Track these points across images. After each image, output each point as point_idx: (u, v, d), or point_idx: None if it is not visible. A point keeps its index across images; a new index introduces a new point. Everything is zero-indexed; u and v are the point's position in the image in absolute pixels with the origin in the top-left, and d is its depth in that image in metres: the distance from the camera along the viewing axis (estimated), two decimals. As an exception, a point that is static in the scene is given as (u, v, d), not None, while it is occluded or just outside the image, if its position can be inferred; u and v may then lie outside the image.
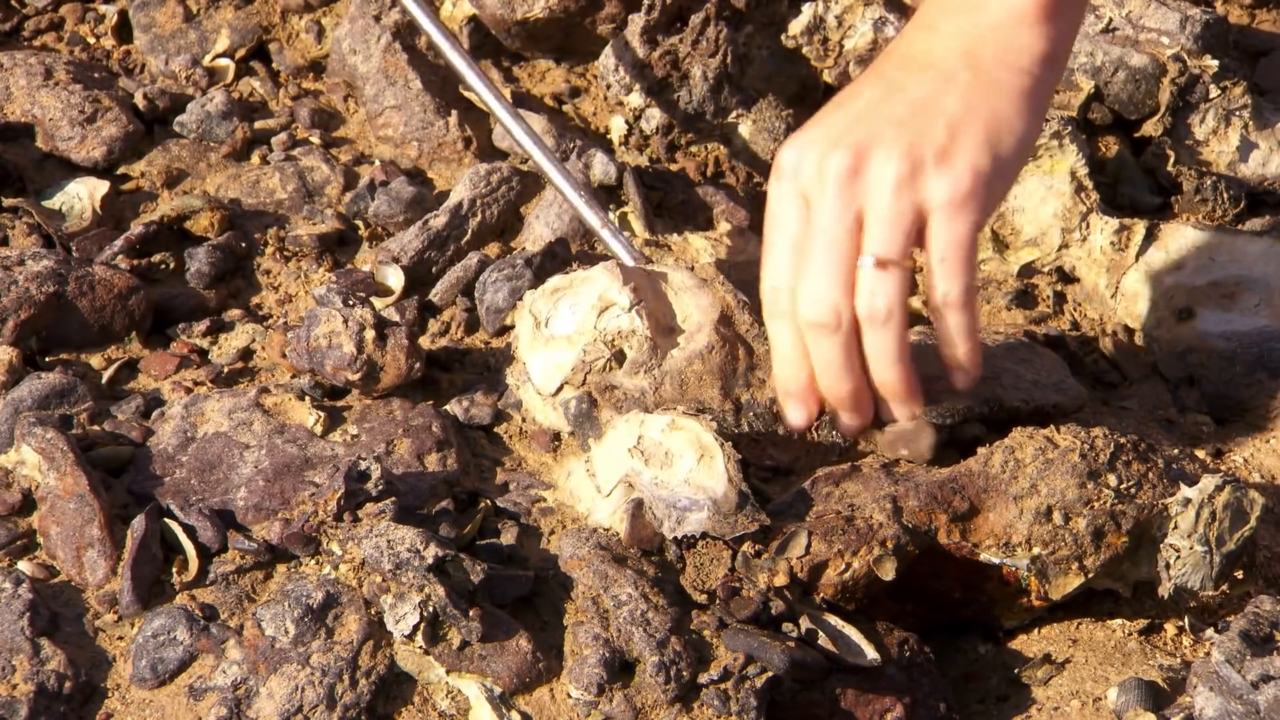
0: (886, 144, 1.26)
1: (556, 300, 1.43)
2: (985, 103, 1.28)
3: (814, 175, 1.28)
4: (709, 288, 1.42)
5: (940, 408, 1.38)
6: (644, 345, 1.39)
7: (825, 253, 1.27)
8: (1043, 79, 1.30)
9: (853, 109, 1.30)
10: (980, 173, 1.27)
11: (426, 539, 1.25)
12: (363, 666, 1.23)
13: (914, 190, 1.26)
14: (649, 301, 1.41)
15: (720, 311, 1.40)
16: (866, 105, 1.29)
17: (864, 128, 1.28)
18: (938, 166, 1.26)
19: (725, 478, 1.29)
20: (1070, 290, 1.64)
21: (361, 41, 1.76)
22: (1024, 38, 1.30)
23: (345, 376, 1.43)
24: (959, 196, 1.26)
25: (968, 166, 1.26)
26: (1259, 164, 1.69)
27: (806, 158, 1.29)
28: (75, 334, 1.50)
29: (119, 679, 1.25)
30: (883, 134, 1.27)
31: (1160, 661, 1.30)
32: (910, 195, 1.26)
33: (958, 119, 1.27)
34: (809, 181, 1.28)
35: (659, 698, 1.21)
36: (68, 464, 1.32)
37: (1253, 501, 1.29)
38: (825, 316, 1.27)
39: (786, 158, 1.30)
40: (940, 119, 1.27)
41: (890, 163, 1.26)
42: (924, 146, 1.26)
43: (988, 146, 1.27)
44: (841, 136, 1.28)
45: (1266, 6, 1.94)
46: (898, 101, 1.28)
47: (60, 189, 1.64)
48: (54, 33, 1.82)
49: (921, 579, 1.31)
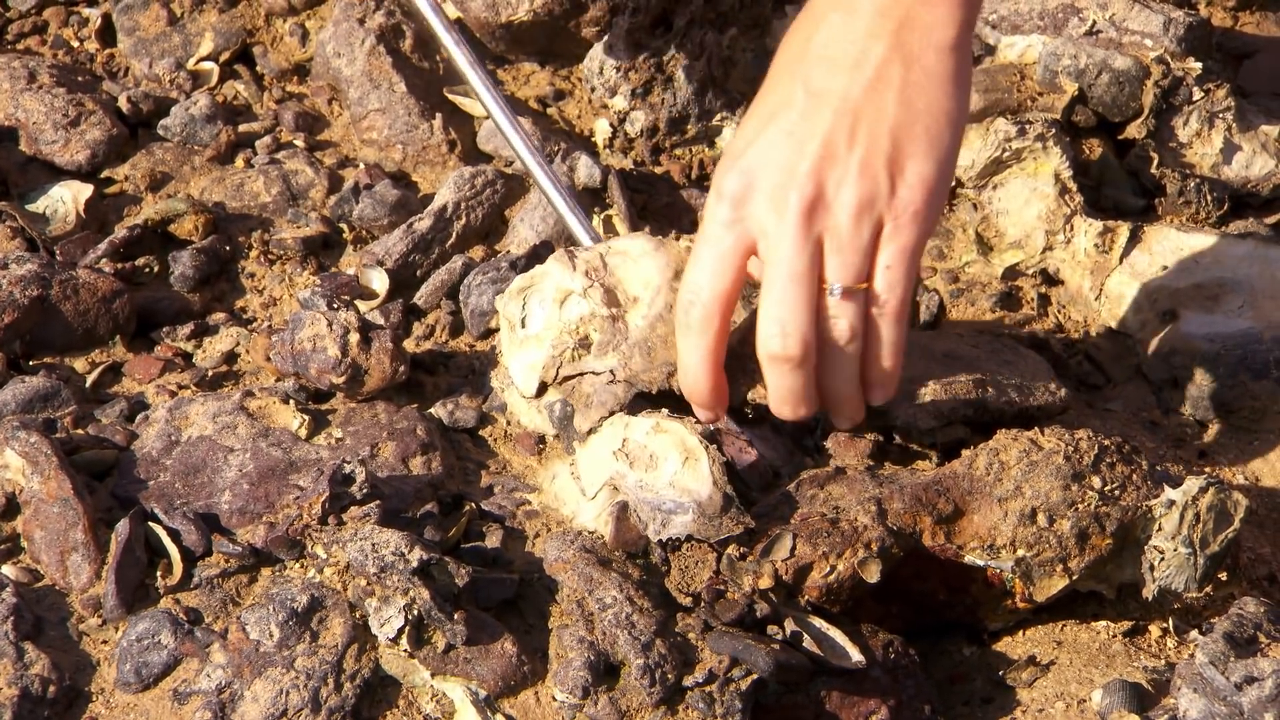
0: (840, 167, 1.24)
1: (524, 300, 1.43)
2: (922, 98, 1.26)
3: (770, 209, 1.25)
4: (664, 247, 1.41)
5: (926, 407, 1.38)
6: (604, 325, 1.38)
7: (791, 286, 1.25)
8: (966, 52, 1.28)
9: (788, 122, 1.26)
10: (929, 182, 1.25)
11: (411, 542, 1.25)
12: (347, 670, 1.23)
13: (872, 211, 1.25)
14: (606, 279, 1.40)
15: (674, 269, 1.39)
16: (803, 117, 1.26)
17: (809, 150, 1.25)
18: (890, 181, 1.25)
19: (710, 480, 1.29)
20: (1054, 292, 1.64)
21: (346, 45, 1.76)
22: (942, 7, 1.26)
23: (330, 380, 1.43)
24: (912, 210, 1.25)
25: (918, 178, 1.25)
26: (1242, 166, 1.70)
27: (757, 186, 1.26)
28: (59, 337, 1.49)
29: (103, 683, 1.25)
30: (834, 155, 1.25)
31: (1144, 663, 1.31)
32: (869, 217, 1.25)
33: (900, 125, 1.25)
34: (763, 214, 1.26)
35: (644, 700, 1.21)
36: (51, 468, 1.32)
37: (1236, 503, 1.29)
38: (793, 350, 1.26)
39: (730, 183, 1.27)
40: (883, 126, 1.25)
41: (848, 189, 1.24)
42: (875, 163, 1.25)
43: (933, 151, 1.25)
44: (791, 163, 1.25)
45: (1249, 9, 1.94)
46: (837, 111, 1.25)
47: (44, 192, 1.64)
48: (37, 36, 1.82)
49: (906, 581, 1.31)
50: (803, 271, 1.25)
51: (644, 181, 1.70)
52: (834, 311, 1.26)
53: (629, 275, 1.41)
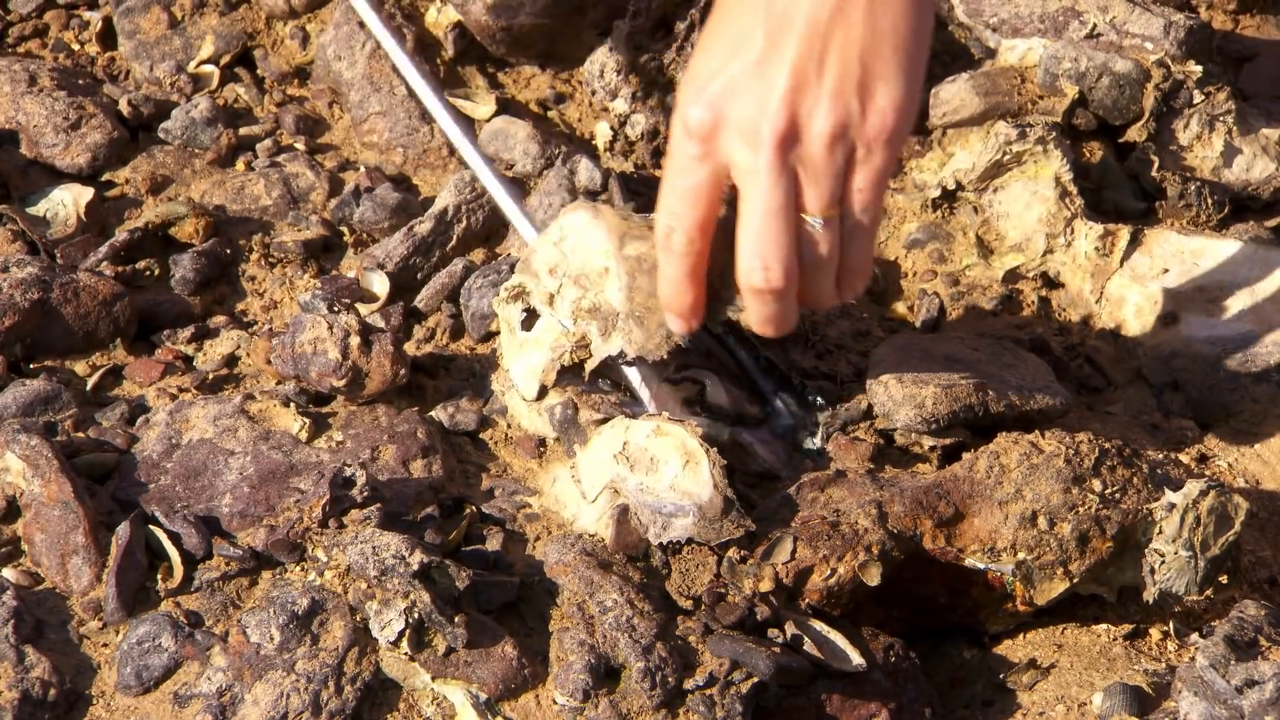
0: (811, 96, 1.23)
1: (518, 303, 1.44)
2: (888, 18, 1.24)
3: (744, 143, 1.24)
4: (600, 214, 1.42)
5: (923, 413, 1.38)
6: (593, 314, 1.39)
7: (770, 220, 1.25)
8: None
9: (755, 50, 1.24)
10: (899, 104, 1.24)
11: (412, 545, 1.25)
12: (348, 673, 1.23)
13: (845, 139, 1.24)
14: (569, 268, 1.41)
15: (618, 235, 1.40)
16: (769, 45, 1.24)
17: (778, 80, 1.23)
18: (862, 106, 1.23)
19: (710, 483, 1.29)
20: (1055, 295, 1.64)
21: (346, 48, 1.76)
22: None
23: (330, 383, 1.43)
24: (884, 134, 1.24)
25: (889, 101, 1.24)
26: (1243, 169, 1.70)
27: (727, 119, 1.24)
28: (60, 341, 1.49)
29: (104, 686, 1.25)
30: (805, 84, 1.23)
31: (1145, 666, 1.31)
32: (843, 145, 1.24)
33: (868, 47, 1.23)
34: (736, 149, 1.24)
35: (644, 703, 1.21)
36: (52, 471, 1.32)
37: (1237, 506, 1.29)
38: (776, 283, 1.27)
39: (698, 116, 1.25)
40: (852, 50, 1.23)
41: (820, 118, 1.23)
42: (846, 89, 1.23)
43: (902, 72, 1.24)
44: (762, 94, 1.23)
45: (1250, 12, 1.94)
46: (804, 36, 1.23)
47: (45, 195, 1.64)
48: (38, 39, 1.82)
49: (906, 584, 1.31)
50: (781, 205, 1.25)
51: (645, 184, 1.69)
52: (812, 239, 1.26)
53: (586, 250, 1.41)
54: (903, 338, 1.53)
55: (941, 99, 1.71)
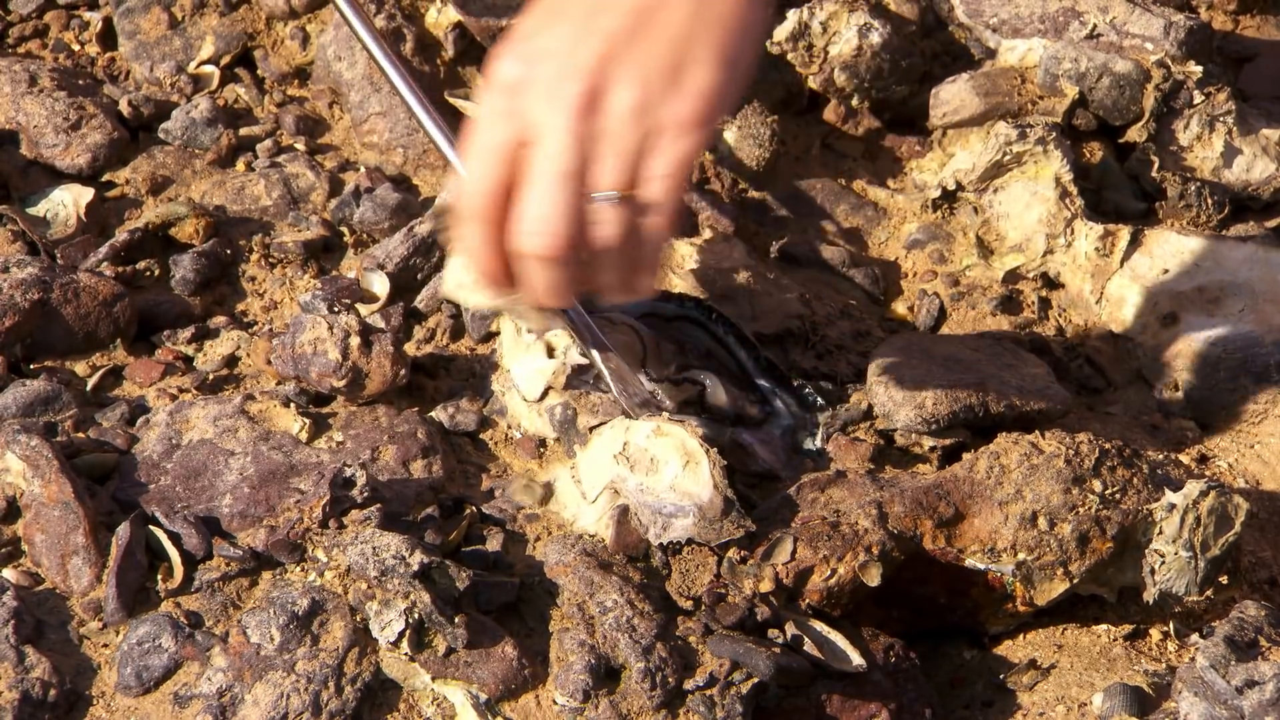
0: (620, 66, 1.20)
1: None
2: (714, 10, 1.21)
3: (544, 102, 1.21)
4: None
5: (924, 413, 1.38)
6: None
7: (556, 184, 1.20)
8: None
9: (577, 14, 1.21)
10: (710, 93, 1.20)
11: (412, 545, 1.25)
12: (348, 674, 1.23)
13: (648, 117, 1.20)
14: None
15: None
16: (592, 11, 1.21)
17: (590, 46, 1.20)
18: (668, 89, 1.20)
19: (711, 484, 1.29)
20: (1055, 296, 1.64)
21: (346, 48, 1.76)
22: None
23: (330, 383, 1.43)
24: (690, 119, 1.20)
25: (699, 88, 1.20)
26: (1243, 170, 1.70)
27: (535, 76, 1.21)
28: (60, 341, 1.49)
29: (104, 687, 1.25)
30: (616, 54, 1.20)
31: (1145, 667, 1.31)
32: (644, 122, 1.20)
33: (690, 32, 1.20)
34: (537, 106, 1.21)
35: (645, 704, 1.21)
36: (52, 471, 1.32)
37: (1237, 507, 1.29)
38: (550, 250, 1.21)
39: (507, 70, 1.22)
40: (673, 30, 1.20)
41: (625, 90, 1.19)
42: (658, 66, 1.20)
43: (720, 62, 1.21)
44: (571, 57, 1.20)
45: (1250, 12, 1.94)
46: (621, 11, 1.20)
47: (45, 196, 1.64)
48: (38, 40, 1.82)
49: (907, 585, 1.31)
50: (570, 171, 1.20)
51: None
52: (601, 215, 1.21)
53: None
54: (903, 338, 1.53)
55: (941, 99, 1.71)
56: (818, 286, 1.63)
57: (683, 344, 1.46)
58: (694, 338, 1.46)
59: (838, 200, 1.74)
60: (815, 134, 1.79)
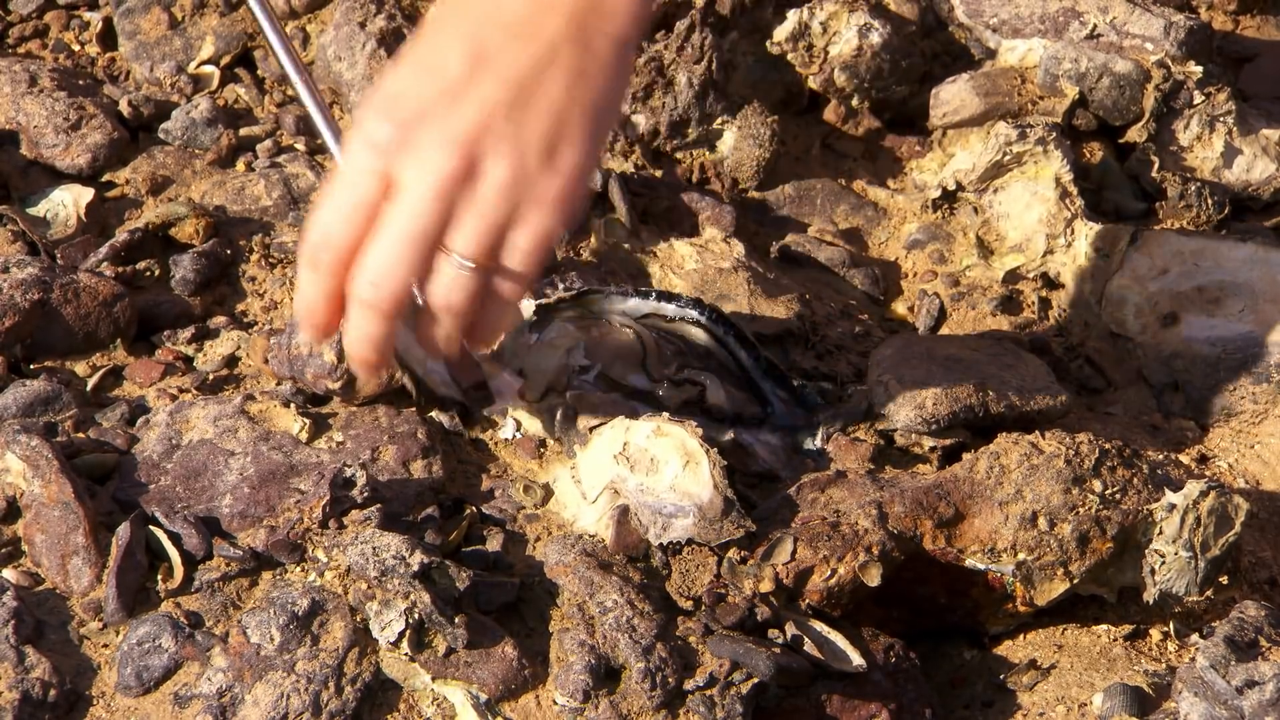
0: (494, 141, 1.19)
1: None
2: (589, 87, 1.21)
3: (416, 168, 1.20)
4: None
5: (924, 413, 1.38)
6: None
7: (405, 244, 1.20)
8: (634, 45, 1.24)
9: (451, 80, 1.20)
10: (581, 171, 1.21)
11: (412, 546, 1.25)
12: (348, 674, 1.23)
13: (516, 192, 1.20)
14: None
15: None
16: (467, 79, 1.20)
17: (467, 115, 1.20)
18: (542, 166, 1.20)
19: (711, 484, 1.29)
20: (1055, 296, 1.64)
21: (346, 48, 1.76)
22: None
23: (325, 385, 1.43)
24: (559, 197, 1.21)
25: (571, 166, 1.21)
26: (1243, 170, 1.70)
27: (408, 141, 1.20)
28: (60, 341, 1.49)
29: (104, 687, 1.25)
30: (491, 128, 1.20)
31: (1145, 667, 1.31)
32: (513, 197, 1.20)
33: (564, 110, 1.20)
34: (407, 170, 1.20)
35: (645, 704, 1.21)
36: (52, 471, 1.32)
37: (1237, 507, 1.29)
38: (385, 304, 1.21)
39: (378, 131, 1.21)
40: (547, 107, 1.20)
41: (499, 165, 1.20)
42: (531, 142, 1.20)
43: (588, 142, 1.21)
44: (447, 124, 1.20)
45: (1250, 12, 1.94)
46: (504, 81, 1.20)
47: (45, 196, 1.63)
48: (38, 40, 1.82)
49: (907, 585, 1.31)
50: (423, 234, 1.20)
51: (645, 185, 1.69)
52: (452, 280, 1.21)
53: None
54: (903, 338, 1.53)
55: (942, 99, 1.71)
56: (818, 286, 1.63)
57: (683, 344, 1.46)
58: (694, 338, 1.46)
59: (838, 200, 1.74)
60: (815, 134, 1.79)
